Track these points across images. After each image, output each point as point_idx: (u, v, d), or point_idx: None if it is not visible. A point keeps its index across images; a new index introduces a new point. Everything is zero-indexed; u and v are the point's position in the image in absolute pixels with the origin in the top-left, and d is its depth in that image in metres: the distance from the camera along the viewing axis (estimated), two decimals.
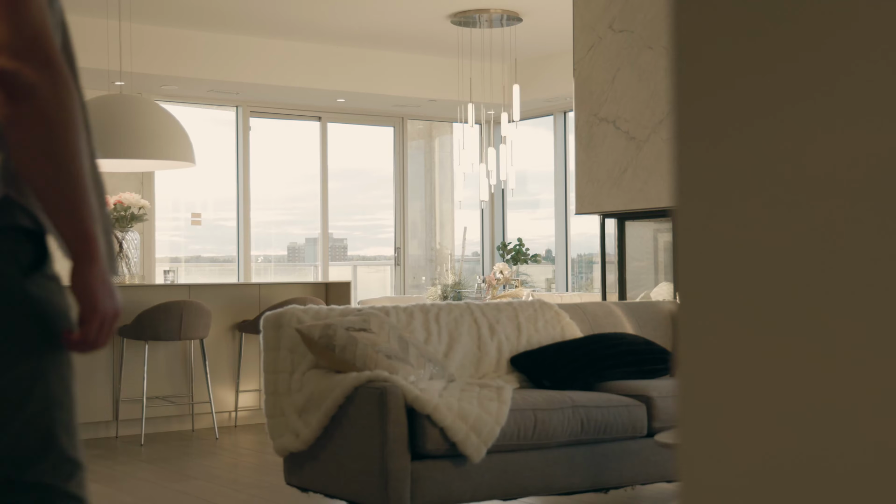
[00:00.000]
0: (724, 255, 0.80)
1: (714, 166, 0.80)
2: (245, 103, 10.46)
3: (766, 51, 0.76)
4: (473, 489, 3.77)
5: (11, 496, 1.55)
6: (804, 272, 0.76)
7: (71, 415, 1.61)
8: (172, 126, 7.20)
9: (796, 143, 0.75)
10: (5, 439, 1.55)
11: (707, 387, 0.82)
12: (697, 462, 0.82)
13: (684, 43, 0.81)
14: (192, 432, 6.90)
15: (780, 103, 0.75)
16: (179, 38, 9.27)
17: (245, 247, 10.60)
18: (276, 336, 4.15)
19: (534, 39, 9.68)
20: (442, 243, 12.08)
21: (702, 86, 0.81)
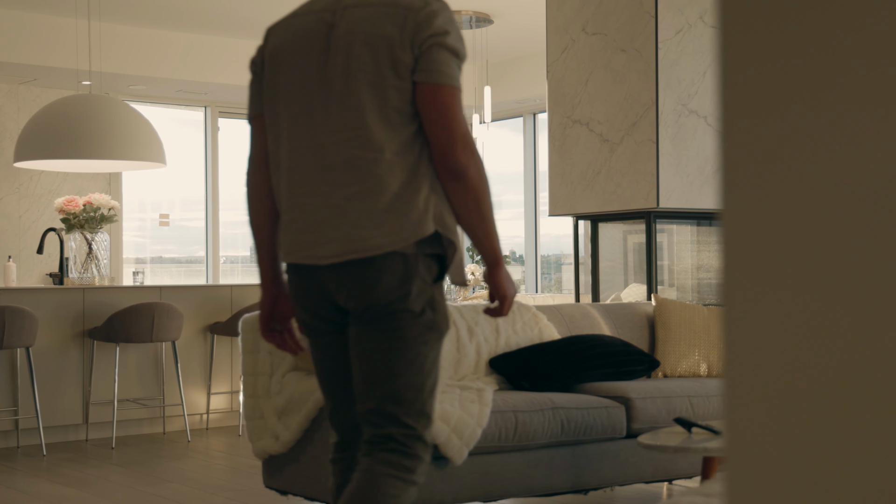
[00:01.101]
0: (774, 251, 0.80)
1: (763, 160, 0.81)
2: (214, 104, 10.40)
3: (822, 38, 0.76)
4: (455, 491, 3.77)
5: (391, 427, 2.38)
6: (857, 266, 0.76)
7: (434, 383, 2.42)
8: (143, 127, 7.15)
9: (849, 133, 0.75)
10: (400, 390, 2.37)
11: (756, 388, 0.82)
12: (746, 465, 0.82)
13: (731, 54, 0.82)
14: (164, 435, 6.85)
15: (826, 89, 0.76)
16: (148, 37, 9.20)
17: (214, 248, 10.54)
18: (255, 338, 4.13)
19: (504, 41, 9.70)
20: None
21: (750, 79, 0.81)
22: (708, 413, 4.36)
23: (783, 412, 0.81)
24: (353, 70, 2.37)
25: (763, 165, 0.81)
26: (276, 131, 2.47)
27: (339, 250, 2.36)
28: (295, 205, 2.44)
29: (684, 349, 4.86)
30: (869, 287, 0.76)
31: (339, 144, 2.37)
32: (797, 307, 0.79)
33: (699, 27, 6.21)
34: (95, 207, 7.15)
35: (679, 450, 3.15)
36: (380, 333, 2.38)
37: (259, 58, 2.56)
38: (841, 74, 0.76)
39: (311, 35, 2.45)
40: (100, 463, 5.91)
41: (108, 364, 6.66)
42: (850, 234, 0.76)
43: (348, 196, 2.36)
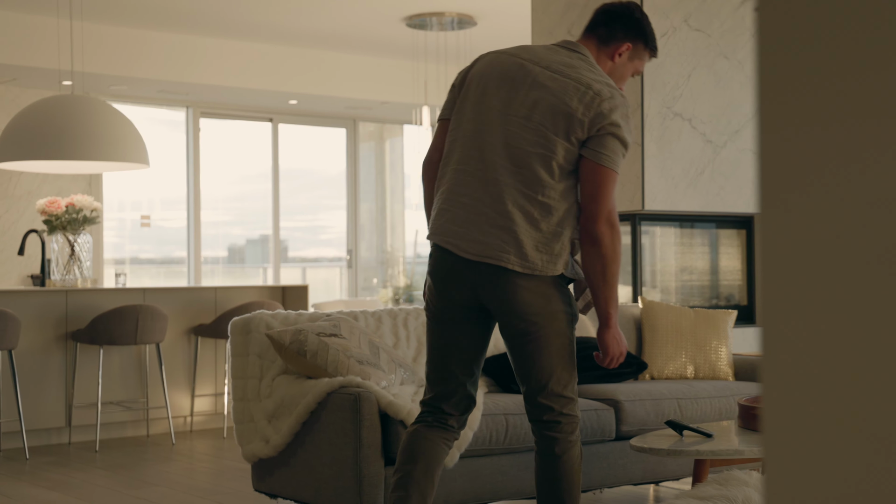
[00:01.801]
0: (812, 259, 0.81)
1: (801, 168, 0.81)
2: (195, 104, 10.36)
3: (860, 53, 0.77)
4: (446, 494, 3.77)
5: (549, 400, 2.94)
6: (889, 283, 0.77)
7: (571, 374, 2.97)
8: (126, 128, 7.11)
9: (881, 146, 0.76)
10: (554, 376, 2.92)
11: (795, 390, 0.82)
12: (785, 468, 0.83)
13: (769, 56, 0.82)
14: (147, 438, 6.82)
15: (863, 108, 0.76)
16: (130, 37, 9.16)
17: (196, 249, 10.51)
18: (245, 341, 4.12)
19: (487, 43, 9.71)
20: (393, 245, 12.07)
21: (788, 89, 0.82)
22: (696, 415, 4.38)
23: (820, 422, 0.81)
24: (534, 118, 2.85)
25: (800, 184, 0.82)
26: (454, 136, 2.96)
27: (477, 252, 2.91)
28: (453, 200, 2.91)
29: (671, 351, 4.88)
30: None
31: (502, 168, 2.87)
32: (833, 324, 0.80)
33: (684, 30, 6.24)
34: (78, 209, 7.11)
35: (672, 452, 3.17)
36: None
37: (463, 74, 3.02)
38: (876, 93, 0.76)
39: (511, 74, 2.92)
40: (84, 466, 5.88)
41: (92, 366, 6.62)
42: (883, 252, 0.76)
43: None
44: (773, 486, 0.82)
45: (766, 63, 0.80)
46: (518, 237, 2.82)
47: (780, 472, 0.81)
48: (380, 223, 11.92)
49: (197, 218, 10.47)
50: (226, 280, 11.12)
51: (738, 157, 6.44)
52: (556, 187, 2.82)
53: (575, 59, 2.91)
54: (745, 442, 3.26)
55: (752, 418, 3.42)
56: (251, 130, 11.05)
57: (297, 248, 11.58)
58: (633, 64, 3.03)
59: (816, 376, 0.82)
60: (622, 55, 2.99)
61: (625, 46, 2.99)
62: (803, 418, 0.82)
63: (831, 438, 0.81)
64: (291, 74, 9.97)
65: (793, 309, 0.81)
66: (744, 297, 6.71)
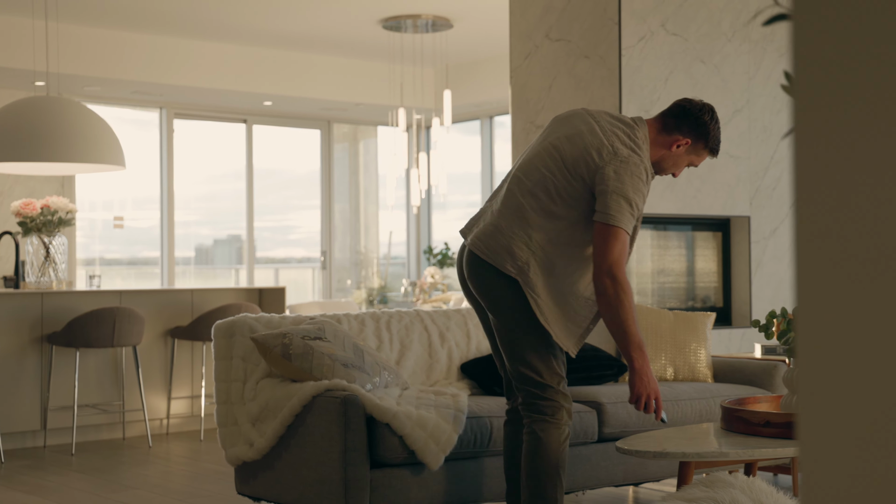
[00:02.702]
0: (850, 256, 0.83)
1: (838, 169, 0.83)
2: (169, 105, 10.32)
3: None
4: (431, 496, 3.78)
5: (522, 384, 3.26)
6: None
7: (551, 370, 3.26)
8: (102, 130, 7.07)
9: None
10: (523, 362, 3.22)
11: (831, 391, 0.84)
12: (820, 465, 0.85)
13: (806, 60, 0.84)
14: (123, 441, 6.79)
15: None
16: (103, 38, 9.11)
17: (169, 250, 10.46)
18: (228, 345, 4.12)
19: (463, 45, 9.73)
20: (367, 246, 12.06)
21: (826, 93, 0.84)
22: (677, 417, 4.41)
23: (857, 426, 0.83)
24: (552, 150, 3.21)
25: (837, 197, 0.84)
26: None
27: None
28: (487, 203, 3.39)
29: (651, 353, 4.91)
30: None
31: (522, 189, 3.22)
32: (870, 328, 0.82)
33: (661, 35, 6.28)
34: (53, 211, 7.06)
35: (658, 455, 3.19)
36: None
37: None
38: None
39: (567, 115, 3.35)
40: (60, 470, 5.84)
41: (67, 369, 6.58)
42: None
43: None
44: (809, 490, 0.84)
45: (802, 75, 0.82)
46: (493, 230, 3.24)
47: (817, 476, 0.83)
48: (353, 224, 11.91)
49: (171, 219, 10.42)
50: (197, 281, 11.07)
51: (714, 161, 6.49)
52: (548, 215, 3.17)
53: (620, 127, 3.22)
54: (729, 444, 3.29)
55: (735, 420, 3.46)
56: (223, 131, 11.01)
57: (264, 249, 11.53)
58: (689, 157, 3.31)
59: (850, 379, 0.84)
60: (680, 147, 3.27)
61: (684, 141, 3.27)
62: (838, 422, 0.84)
63: (868, 441, 0.83)
64: (267, 76, 9.95)
65: (829, 315, 0.83)
66: (720, 300, 6.76)
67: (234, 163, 11.07)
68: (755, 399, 3.77)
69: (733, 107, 6.59)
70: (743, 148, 6.63)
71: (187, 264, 11.04)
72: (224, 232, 11.41)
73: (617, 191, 3.05)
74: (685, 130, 3.27)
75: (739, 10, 6.63)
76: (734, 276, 6.73)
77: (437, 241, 11.84)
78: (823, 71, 0.85)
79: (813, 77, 0.85)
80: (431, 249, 10.92)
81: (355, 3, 8.45)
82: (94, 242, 10.57)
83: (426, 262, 11.56)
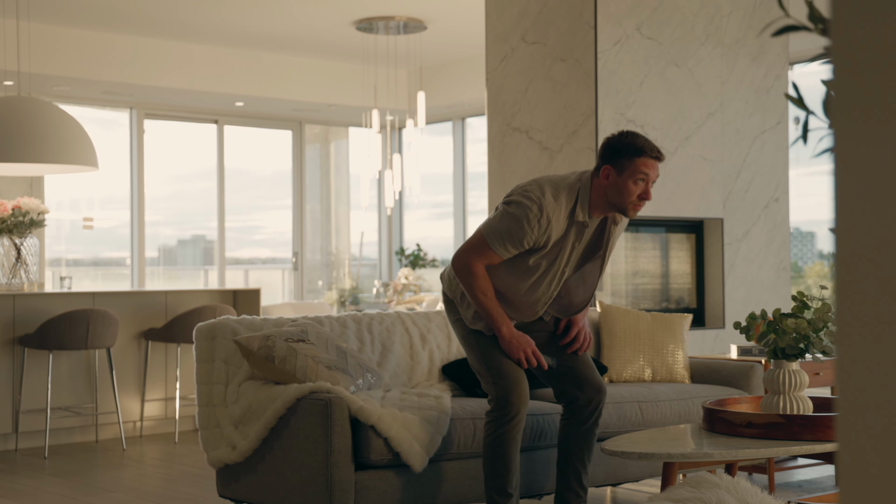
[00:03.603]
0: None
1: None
2: (139, 105, 10.26)
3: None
4: (415, 498, 3.79)
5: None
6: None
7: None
8: (75, 130, 7.03)
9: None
10: (477, 373, 3.77)
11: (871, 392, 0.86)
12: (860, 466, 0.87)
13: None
14: (97, 443, 6.74)
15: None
16: (74, 38, 9.04)
17: (140, 251, 10.40)
18: (210, 347, 4.11)
19: (437, 47, 9.75)
20: (338, 247, 12.04)
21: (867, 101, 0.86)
22: (656, 418, 4.45)
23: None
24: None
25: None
26: None
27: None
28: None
29: (629, 355, 4.95)
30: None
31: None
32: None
33: (636, 38, 6.33)
34: (24, 212, 7.00)
35: (643, 456, 3.22)
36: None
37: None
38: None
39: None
40: (33, 473, 5.79)
41: (40, 371, 6.53)
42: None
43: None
44: (847, 489, 0.86)
45: (841, 83, 0.84)
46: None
47: (855, 478, 0.85)
48: (324, 225, 11.89)
49: (141, 220, 10.37)
50: (164, 282, 11.00)
51: (688, 163, 6.55)
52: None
53: (547, 181, 3.65)
54: (713, 445, 3.33)
55: (717, 421, 3.49)
56: (194, 132, 10.95)
57: (231, 249, 11.46)
58: (626, 178, 3.50)
59: (887, 379, 0.86)
60: (609, 177, 3.51)
61: (607, 168, 3.53)
62: (877, 421, 0.86)
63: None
64: (239, 76, 9.92)
65: (869, 318, 0.85)
66: (693, 301, 6.82)
67: (200, 163, 11.02)
68: (735, 400, 3.81)
69: (707, 110, 6.65)
70: (716, 151, 6.69)
71: (151, 265, 10.98)
72: (188, 232, 11.33)
73: (488, 221, 3.64)
74: (601, 162, 3.56)
75: (713, 14, 6.69)
76: (707, 278, 6.79)
77: (408, 242, 11.84)
78: (865, 81, 0.87)
79: (854, 88, 0.87)
80: (403, 250, 10.92)
81: (329, 4, 8.45)
82: (60, 243, 10.48)
83: (398, 264, 11.57)
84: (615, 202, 3.52)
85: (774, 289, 6.92)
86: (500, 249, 3.55)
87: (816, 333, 3.53)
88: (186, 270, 11.51)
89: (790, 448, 3.26)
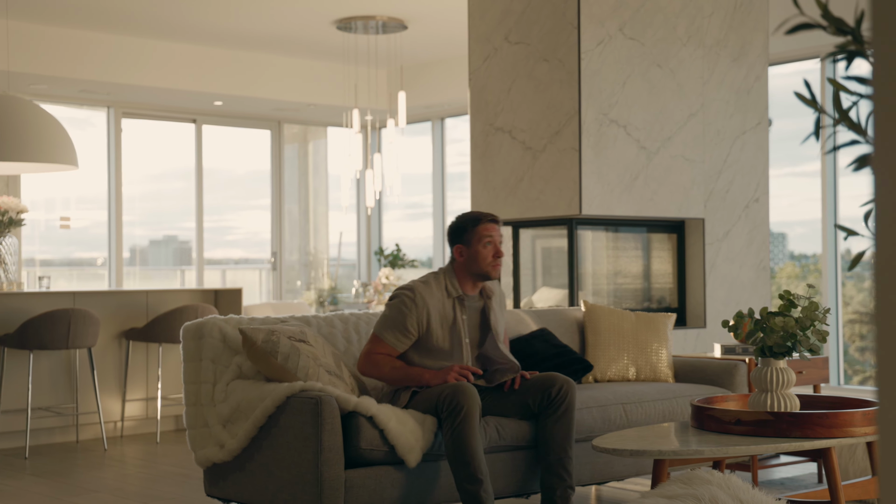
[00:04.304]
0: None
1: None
2: (117, 104, 10.20)
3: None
4: (405, 496, 3.80)
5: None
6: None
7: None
8: (55, 129, 6.99)
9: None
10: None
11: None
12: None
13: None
14: (77, 444, 6.70)
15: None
16: (51, 35, 8.99)
17: (118, 251, 10.34)
18: (198, 346, 4.10)
19: (418, 47, 9.75)
20: (316, 247, 12.03)
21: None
22: (641, 418, 4.48)
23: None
24: None
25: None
26: None
27: None
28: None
29: (613, 354, 4.98)
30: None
31: None
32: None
33: (619, 39, 6.36)
34: (4, 211, 6.96)
35: (635, 453, 3.24)
36: None
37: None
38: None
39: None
40: (15, 473, 5.76)
41: (20, 371, 6.49)
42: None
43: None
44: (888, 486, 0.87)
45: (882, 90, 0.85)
46: None
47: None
48: (302, 225, 11.87)
49: (119, 219, 10.31)
50: (140, 283, 10.94)
51: (669, 164, 6.58)
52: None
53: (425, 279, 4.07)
54: (704, 442, 3.35)
55: (706, 419, 3.52)
56: (170, 131, 10.90)
57: (205, 249, 11.39)
58: (475, 248, 4.01)
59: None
60: (462, 254, 4.02)
61: (457, 249, 4.05)
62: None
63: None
64: (219, 75, 9.88)
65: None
66: (675, 300, 6.86)
67: (176, 162, 10.96)
68: (722, 398, 3.84)
69: (688, 110, 6.69)
70: (697, 151, 6.73)
71: (141, 266, 10.92)
72: (160, 232, 11.26)
73: (377, 322, 4.04)
74: (453, 241, 4.07)
75: (694, 15, 6.73)
76: (689, 278, 6.83)
77: (387, 242, 11.84)
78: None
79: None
80: (382, 250, 10.92)
81: (309, 3, 8.43)
82: (34, 243, 10.40)
83: (377, 264, 11.56)
84: (476, 270, 4.00)
85: (754, 288, 6.98)
86: (391, 338, 3.92)
87: (804, 332, 3.56)
88: (160, 271, 11.45)
89: (779, 445, 3.29)
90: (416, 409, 3.85)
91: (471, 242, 4.01)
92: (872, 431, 3.37)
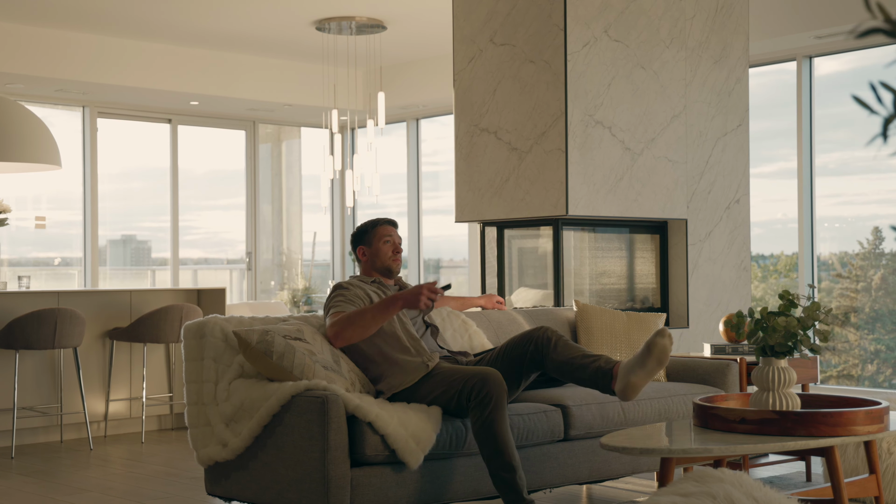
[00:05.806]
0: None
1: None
2: (93, 104, 10.13)
3: None
4: (408, 495, 3.83)
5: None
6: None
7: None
8: (38, 128, 6.94)
9: None
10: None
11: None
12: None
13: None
14: (62, 443, 6.67)
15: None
16: (26, 35, 8.91)
17: (93, 251, 10.27)
18: (199, 345, 4.10)
19: (397, 47, 9.77)
20: (290, 247, 12.01)
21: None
22: (638, 417, 4.53)
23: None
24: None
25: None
26: None
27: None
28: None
29: (606, 353, 5.03)
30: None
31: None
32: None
33: (604, 41, 6.42)
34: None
35: (645, 451, 3.29)
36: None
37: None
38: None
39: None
40: (2, 473, 5.72)
41: (6, 371, 6.44)
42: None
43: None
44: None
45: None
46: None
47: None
48: (276, 225, 11.85)
49: (94, 219, 10.24)
50: (110, 283, 10.86)
51: (653, 165, 6.66)
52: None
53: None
54: (712, 440, 3.41)
55: (711, 417, 3.58)
56: (144, 131, 10.83)
57: (159, 250, 11.31)
58: (376, 246, 4.38)
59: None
60: (366, 254, 4.40)
61: (360, 251, 4.42)
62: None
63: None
64: (195, 75, 9.84)
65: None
66: (658, 300, 6.93)
67: (148, 162, 10.89)
68: (723, 397, 3.90)
69: (671, 112, 6.76)
70: (680, 152, 6.80)
71: (112, 265, 10.84)
72: (117, 232, 11.14)
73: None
74: (355, 244, 4.44)
75: (677, 17, 6.81)
76: (672, 278, 6.91)
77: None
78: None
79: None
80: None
81: (288, 4, 8.43)
82: (6, 243, 10.29)
83: (351, 264, 11.56)
84: (379, 266, 4.37)
85: (735, 288, 7.07)
86: (343, 307, 4.12)
87: (805, 331, 3.63)
88: (129, 271, 11.36)
89: (785, 443, 3.35)
90: (436, 401, 3.89)
91: (372, 242, 4.38)
92: (875, 430, 3.44)
